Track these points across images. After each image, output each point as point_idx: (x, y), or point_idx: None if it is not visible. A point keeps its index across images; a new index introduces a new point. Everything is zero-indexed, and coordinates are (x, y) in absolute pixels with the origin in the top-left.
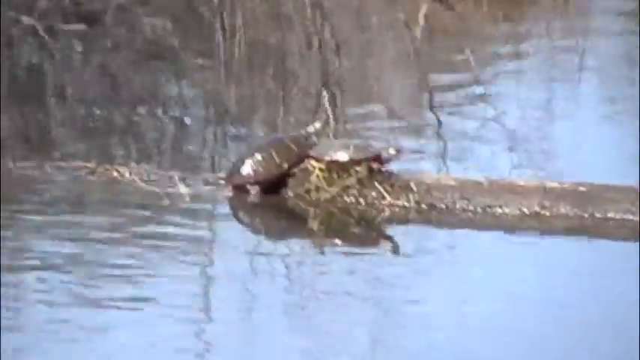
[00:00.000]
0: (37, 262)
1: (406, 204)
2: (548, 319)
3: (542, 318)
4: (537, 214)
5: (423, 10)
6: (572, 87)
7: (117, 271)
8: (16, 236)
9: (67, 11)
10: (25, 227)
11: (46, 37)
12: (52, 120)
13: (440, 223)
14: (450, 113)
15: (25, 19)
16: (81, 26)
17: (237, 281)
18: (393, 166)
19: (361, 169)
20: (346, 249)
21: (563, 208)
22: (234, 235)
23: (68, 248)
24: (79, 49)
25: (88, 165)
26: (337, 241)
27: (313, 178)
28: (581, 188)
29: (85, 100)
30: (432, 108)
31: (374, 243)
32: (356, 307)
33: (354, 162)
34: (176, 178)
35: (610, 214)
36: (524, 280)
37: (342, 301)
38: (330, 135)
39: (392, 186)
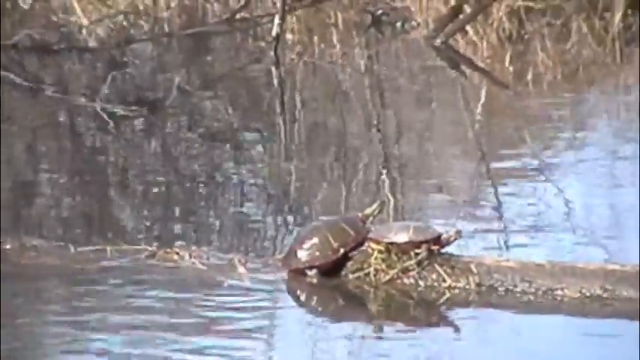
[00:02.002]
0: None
1: (467, 286)
2: None
3: None
4: (599, 297)
5: (483, 91)
6: (635, 167)
7: (173, 355)
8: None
9: (129, 95)
10: (85, 309)
11: (109, 121)
12: (114, 204)
13: (501, 306)
14: (510, 194)
15: (89, 104)
16: (143, 110)
17: None
18: (452, 248)
19: (421, 251)
20: (406, 332)
21: (625, 291)
22: (292, 318)
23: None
24: (141, 132)
25: (149, 248)
26: (397, 323)
27: (372, 259)
28: None
29: (146, 183)
30: (492, 189)
31: (434, 326)
32: None
33: (413, 244)
34: (236, 260)
35: None
36: None
37: None
38: (389, 217)
39: (452, 268)
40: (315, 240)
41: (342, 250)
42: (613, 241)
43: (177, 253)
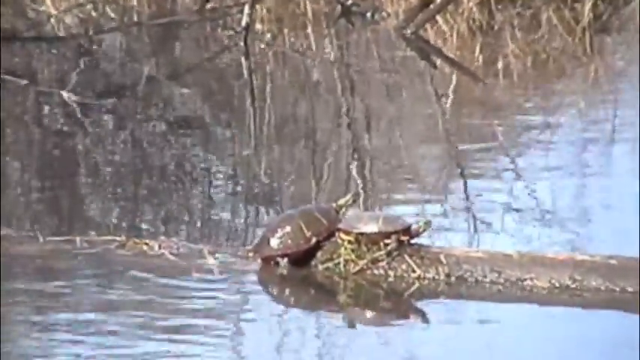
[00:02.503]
0: (63, 336)
1: (436, 277)
2: None
3: None
4: (568, 287)
5: (453, 81)
6: (604, 158)
7: (142, 346)
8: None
9: (97, 84)
10: (54, 300)
11: (78, 110)
12: (83, 194)
13: (470, 296)
14: (479, 185)
15: (57, 93)
16: (112, 100)
17: (267, 355)
18: (422, 239)
19: (391, 242)
20: (376, 322)
21: (594, 282)
22: (263, 309)
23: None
24: (110, 122)
25: (118, 238)
26: (366, 314)
27: (342, 250)
28: (612, 261)
29: (116, 172)
30: (461, 180)
31: (404, 316)
32: None
33: (383, 234)
34: (205, 251)
35: None
36: (554, 354)
37: None
38: (360, 207)
39: (421, 258)
40: (288, 228)
41: (314, 240)
42: (582, 231)
43: (147, 244)
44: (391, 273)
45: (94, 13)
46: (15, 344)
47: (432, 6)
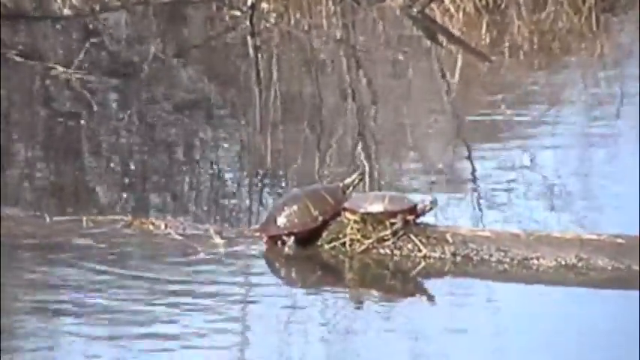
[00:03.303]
0: (67, 309)
1: (442, 256)
2: None
3: None
4: (574, 266)
5: (459, 60)
6: (611, 137)
7: (147, 326)
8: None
9: (103, 64)
10: (60, 278)
11: (84, 90)
12: (88, 173)
13: (476, 275)
14: (486, 164)
15: (62, 73)
16: (118, 80)
17: (273, 334)
18: (428, 218)
19: (396, 221)
20: (381, 301)
21: (601, 261)
22: (269, 288)
23: (98, 300)
24: (115, 101)
25: (124, 218)
26: (372, 293)
27: (348, 229)
28: (619, 240)
29: (122, 152)
30: (468, 159)
31: (410, 295)
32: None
33: (389, 214)
34: (212, 230)
35: None
36: (560, 332)
37: (379, 354)
38: (366, 186)
39: (427, 238)
40: (295, 207)
41: (321, 219)
42: (589, 210)
43: (153, 224)
44: (397, 252)
45: None
46: (18, 323)
47: None
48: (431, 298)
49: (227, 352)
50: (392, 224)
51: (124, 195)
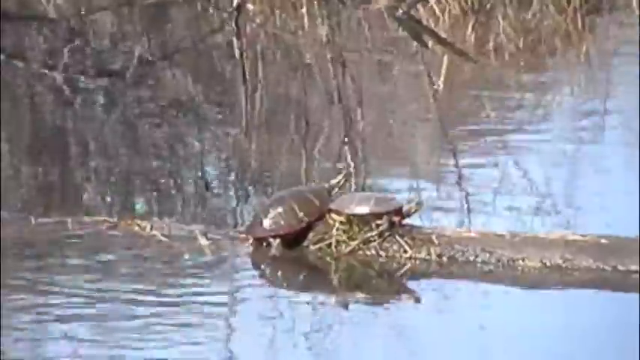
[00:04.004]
0: (53, 317)
1: (427, 257)
2: None
3: None
4: (559, 266)
5: (445, 61)
6: (596, 138)
7: (132, 328)
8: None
9: (89, 66)
10: (44, 283)
11: (69, 92)
12: (74, 175)
13: (461, 276)
14: (471, 165)
15: (48, 74)
16: (103, 81)
17: (259, 336)
18: (414, 219)
19: (382, 223)
20: (368, 302)
21: (585, 261)
22: (254, 290)
23: (84, 304)
24: (101, 103)
25: (110, 220)
26: (359, 294)
27: (334, 231)
28: (604, 241)
29: (107, 154)
30: (453, 160)
31: (395, 296)
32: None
33: (375, 215)
34: (197, 232)
35: (632, 267)
36: (545, 333)
37: (365, 355)
38: (352, 188)
39: (413, 239)
40: (281, 209)
41: (306, 220)
42: (574, 211)
43: (139, 225)
44: (383, 254)
45: None
46: (7, 326)
47: None
48: (417, 299)
49: (212, 351)
50: (378, 225)
51: (110, 196)
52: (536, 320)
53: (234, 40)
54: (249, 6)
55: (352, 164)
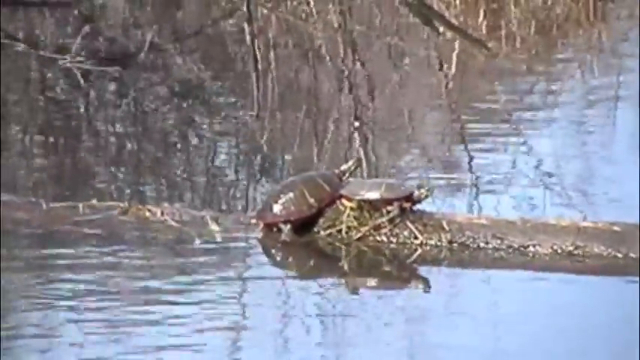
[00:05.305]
0: (66, 303)
1: (438, 243)
2: (582, 359)
3: (577, 358)
4: (571, 253)
5: (456, 48)
6: (608, 125)
7: (143, 315)
8: (47, 276)
9: (100, 52)
10: (57, 267)
11: (80, 78)
12: (85, 160)
13: (472, 263)
14: (483, 152)
15: (60, 61)
16: (114, 67)
17: (269, 322)
18: (425, 205)
19: (393, 208)
20: (378, 288)
21: (597, 248)
22: (265, 275)
23: (95, 287)
24: (112, 89)
25: (121, 205)
26: (369, 280)
27: (344, 217)
28: (616, 228)
29: (118, 139)
30: (465, 147)
31: (406, 282)
32: (389, 346)
33: (385, 201)
34: (208, 217)
35: None
36: (556, 320)
37: (375, 340)
38: (362, 174)
39: (424, 225)
40: (291, 195)
41: (317, 205)
42: (585, 198)
43: (149, 210)
44: (393, 239)
45: None
46: (17, 310)
47: None
48: (427, 285)
49: (221, 338)
50: (388, 211)
51: (121, 181)
52: (547, 307)
53: (246, 25)
54: None
55: (363, 150)
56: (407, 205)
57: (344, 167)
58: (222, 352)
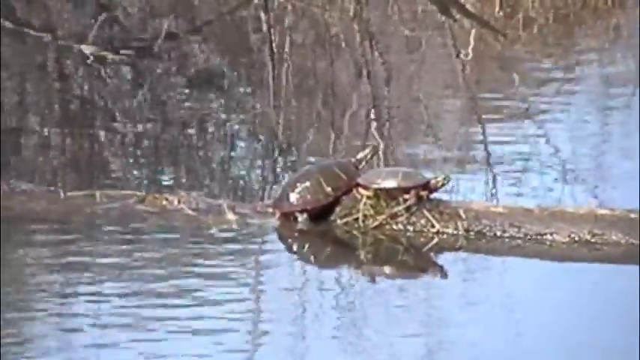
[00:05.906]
0: (84, 290)
1: (455, 231)
2: (598, 347)
3: (593, 347)
4: (588, 241)
5: (472, 35)
6: (624, 112)
7: (162, 301)
8: (64, 265)
9: (117, 40)
10: (74, 254)
11: (98, 65)
12: (102, 149)
13: (489, 251)
14: (500, 140)
15: (76, 48)
16: (131, 55)
17: (287, 310)
18: (441, 194)
19: (410, 197)
20: (395, 277)
21: (615, 236)
22: (282, 264)
23: (115, 275)
24: (129, 77)
25: (138, 193)
26: (386, 268)
27: (361, 205)
28: (633, 215)
29: (135, 128)
30: (481, 134)
31: (422, 270)
32: (406, 334)
33: (402, 189)
34: (224, 206)
35: None
36: (573, 308)
37: (392, 328)
38: (379, 162)
39: (441, 213)
40: (308, 184)
41: (333, 194)
42: (602, 186)
43: (166, 199)
44: (410, 228)
45: None
46: (31, 300)
47: None
48: (444, 273)
49: (240, 324)
50: (405, 200)
51: (138, 170)
52: (563, 295)
53: (262, 13)
54: None
55: (379, 138)
56: (423, 193)
57: (360, 156)
58: (241, 338)
